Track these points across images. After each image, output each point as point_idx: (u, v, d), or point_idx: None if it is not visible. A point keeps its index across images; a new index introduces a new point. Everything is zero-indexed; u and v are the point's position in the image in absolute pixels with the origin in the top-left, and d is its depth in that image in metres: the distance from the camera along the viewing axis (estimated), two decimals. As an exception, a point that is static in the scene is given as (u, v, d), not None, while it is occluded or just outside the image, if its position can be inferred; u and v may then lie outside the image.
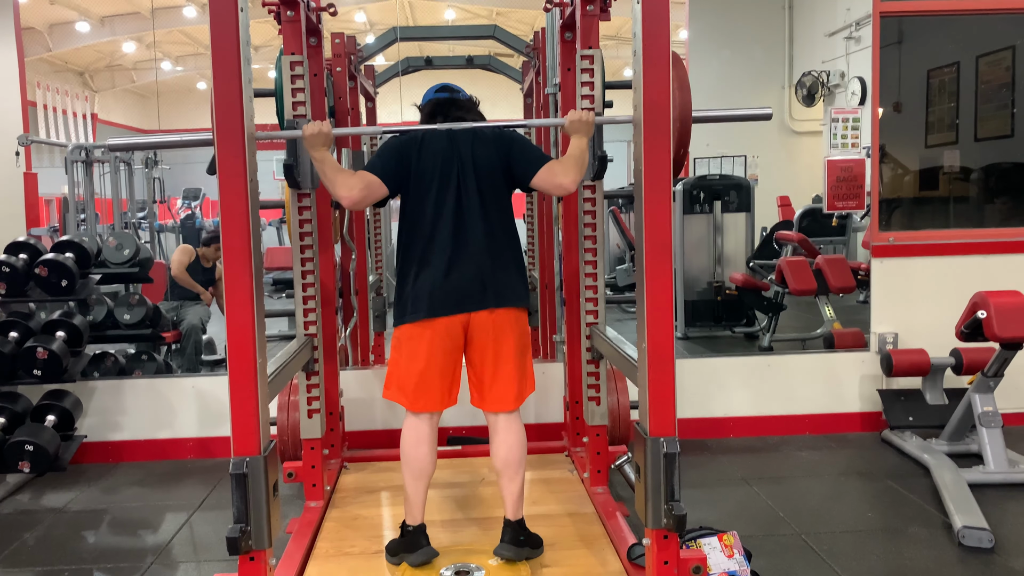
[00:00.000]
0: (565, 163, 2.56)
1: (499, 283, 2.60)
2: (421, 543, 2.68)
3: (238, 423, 2.21)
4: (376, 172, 2.57)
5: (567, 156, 2.59)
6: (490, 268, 2.59)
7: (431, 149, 2.60)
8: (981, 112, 5.23)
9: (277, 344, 5.42)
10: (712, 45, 8.44)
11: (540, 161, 2.60)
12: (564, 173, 2.54)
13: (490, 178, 2.61)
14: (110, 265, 4.49)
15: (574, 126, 2.61)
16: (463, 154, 2.60)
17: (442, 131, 2.61)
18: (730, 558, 2.58)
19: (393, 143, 2.64)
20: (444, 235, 2.56)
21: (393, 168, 2.59)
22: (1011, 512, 3.38)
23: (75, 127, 8.64)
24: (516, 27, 8.21)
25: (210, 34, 2.11)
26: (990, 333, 3.57)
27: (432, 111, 2.67)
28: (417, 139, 2.62)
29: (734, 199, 6.79)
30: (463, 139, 2.62)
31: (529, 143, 2.71)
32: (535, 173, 2.58)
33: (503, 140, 2.64)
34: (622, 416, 3.59)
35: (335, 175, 2.52)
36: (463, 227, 2.56)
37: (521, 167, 2.61)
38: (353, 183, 2.52)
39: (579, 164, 2.55)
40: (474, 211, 2.57)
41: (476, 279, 2.57)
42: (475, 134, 2.63)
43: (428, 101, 2.72)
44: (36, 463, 3.80)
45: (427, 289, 2.57)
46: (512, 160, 2.61)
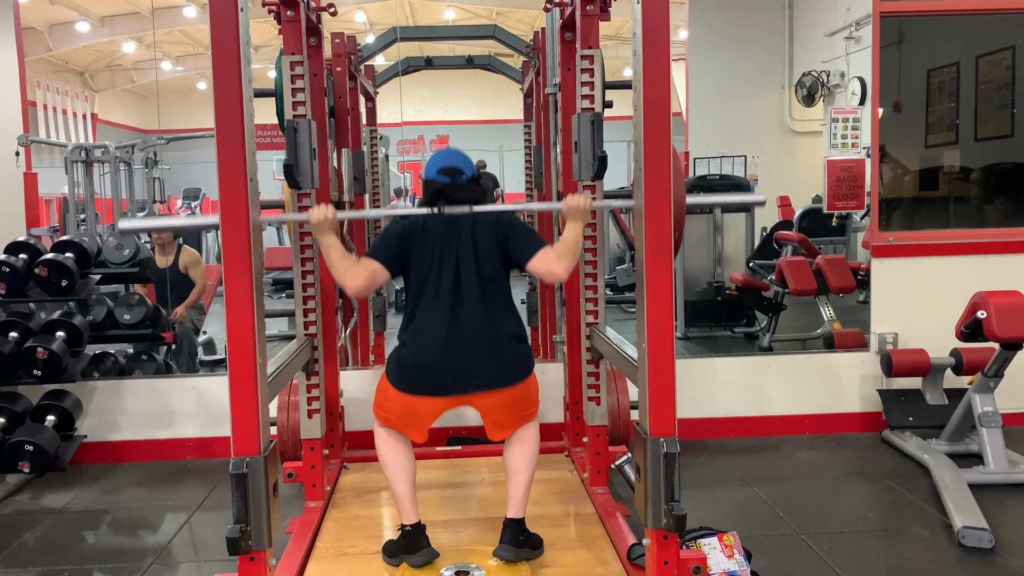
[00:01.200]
0: (559, 251, 2.59)
1: (498, 366, 2.63)
2: (422, 544, 2.68)
3: (238, 423, 2.21)
4: (379, 259, 2.62)
5: (561, 243, 2.62)
6: (493, 350, 2.61)
7: (431, 235, 2.65)
8: (981, 112, 5.23)
9: (277, 344, 5.42)
10: (712, 45, 8.44)
11: (535, 247, 2.64)
12: (558, 261, 2.58)
13: (489, 262, 2.65)
14: (110, 265, 4.49)
15: (571, 212, 2.64)
16: (462, 239, 2.65)
17: (442, 218, 2.66)
18: (730, 558, 2.58)
19: (395, 229, 2.69)
20: (443, 318, 2.60)
21: (395, 255, 2.65)
22: (1011, 512, 3.38)
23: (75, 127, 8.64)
24: (516, 27, 8.21)
25: (210, 34, 2.11)
26: (990, 333, 3.57)
27: (432, 198, 2.70)
28: (418, 226, 2.67)
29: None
30: (462, 224, 2.67)
31: (525, 228, 2.73)
32: (530, 259, 2.63)
33: (501, 226, 2.69)
34: (622, 416, 3.59)
35: (341, 263, 2.57)
36: (464, 310, 2.60)
37: (517, 253, 2.65)
38: (358, 272, 2.57)
39: (573, 252, 2.59)
40: (473, 295, 2.61)
41: (478, 362, 2.60)
42: (474, 219, 2.68)
43: (429, 183, 2.74)
44: (36, 463, 3.80)
45: (427, 368, 2.61)
46: (509, 245, 2.66)
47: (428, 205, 2.66)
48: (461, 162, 2.74)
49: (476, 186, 2.75)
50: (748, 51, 8.40)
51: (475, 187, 2.74)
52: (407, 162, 9.73)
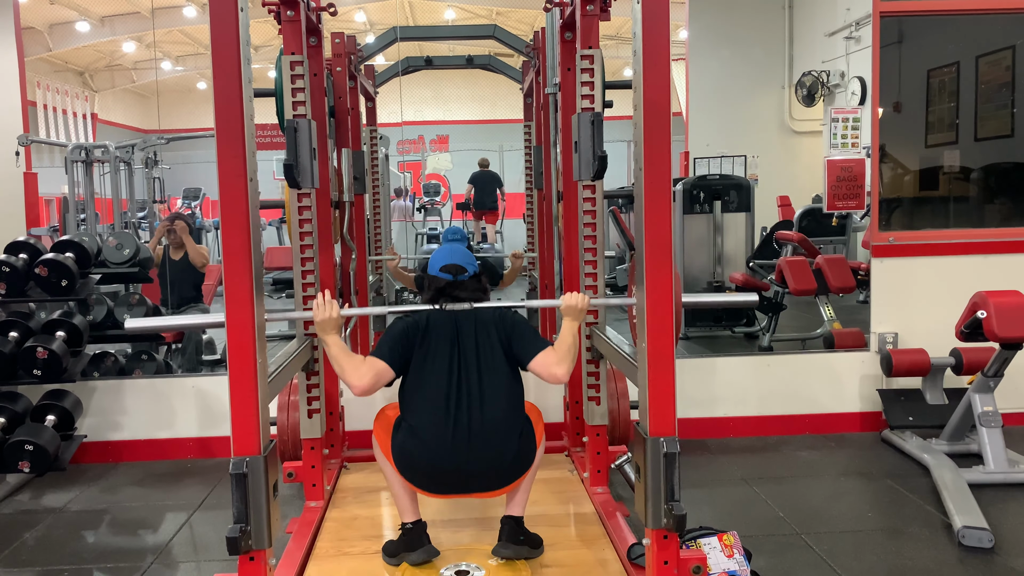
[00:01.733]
0: (559, 353, 2.62)
1: (499, 470, 2.63)
2: (422, 541, 2.69)
3: (238, 423, 2.21)
4: (384, 359, 2.63)
5: (559, 344, 2.64)
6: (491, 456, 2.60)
7: (434, 333, 2.68)
8: (981, 112, 5.23)
9: (277, 344, 5.42)
10: (712, 45, 8.44)
11: (538, 347, 2.66)
12: (558, 364, 2.61)
13: (491, 358, 2.67)
14: (110, 265, 4.49)
15: (569, 311, 2.68)
16: (464, 337, 2.67)
17: (445, 315, 2.69)
18: (730, 558, 2.58)
19: (399, 328, 2.71)
20: (444, 420, 2.59)
21: (400, 355, 2.66)
22: (1011, 512, 3.38)
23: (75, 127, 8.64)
24: (516, 27, 8.21)
25: (210, 34, 2.11)
26: (990, 333, 3.57)
27: (435, 296, 2.73)
28: (421, 322, 2.70)
29: (734, 199, 6.78)
30: (464, 321, 2.69)
31: (527, 328, 2.75)
32: (532, 359, 2.65)
33: (503, 324, 2.71)
34: (622, 416, 3.59)
35: (346, 362, 2.59)
36: (462, 413, 2.59)
37: (519, 353, 2.68)
38: (364, 372, 2.58)
39: (572, 354, 2.63)
40: (473, 394, 2.62)
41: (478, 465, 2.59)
42: (476, 316, 2.70)
43: (432, 280, 2.76)
44: (36, 463, 3.80)
45: (425, 472, 2.62)
46: (512, 343, 2.69)
47: (431, 303, 2.71)
48: (463, 259, 2.79)
49: (478, 283, 2.79)
50: (748, 51, 8.39)
51: (477, 284, 2.78)
52: (407, 162, 9.72)
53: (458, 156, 9.80)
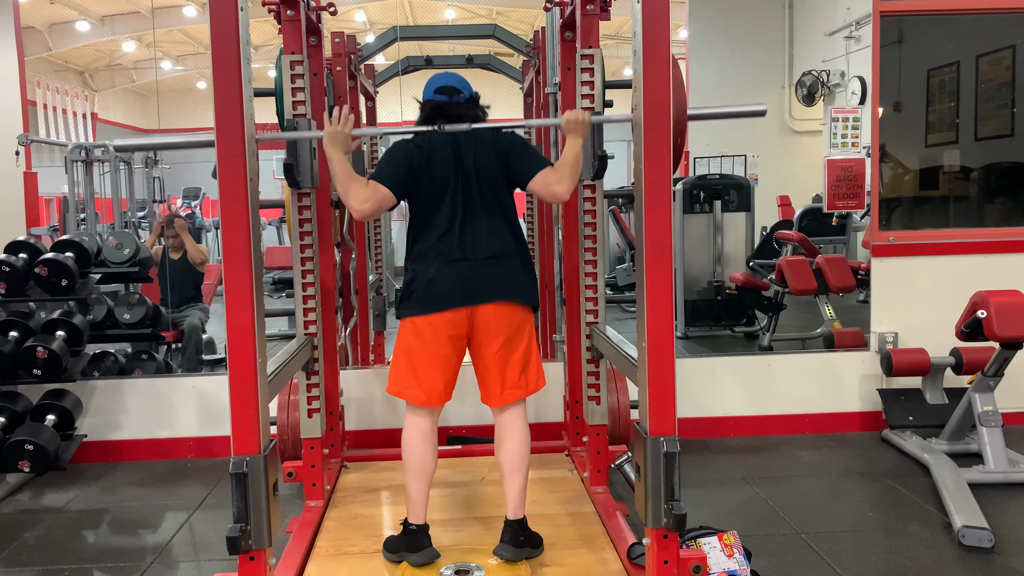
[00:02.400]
0: (560, 170, 2.58)
1: (504, 280, 2.63)
2: (424, 543, 2.69)
3: (238, 422, 2.21)
4: (387, 183, 2.59)
5: (561, 161, 2.61)
6: (494, 266, 2.62)
7: (436, 157, 2.63)
8: (981, 112, 5.23)
9: (277, 344, 5.42)
10: (712, 45, 8.43)
11: (537, 166, 2.62)
12: (558, 182, 2.57)
13: (491, 180, 2.64)
14: (110, 264, 4.48)
15: (570, 126, 2.64)
16: (464, 159, 2.63)
17: (445, 137, 2.64)
18: (730, 558, 2.58)
19: (399, 151, 2.67)
20: (449, 236, 2.60)
21: (402, 178, 2.62)
22: (1011, 512, 3.38)
23: (75, 126, 8.63)
24: (516, 27, 8.20)
25: (210, 34, 2.12)
26: (990, 333, 3.57)
27: (430, 115, 2.69)
28: (422, 147, 2.65)
29: (734, 198, 6.79)
30: (464, 144, 2.65)
31: (527, 145, 2.73)
32: (531, 178, 2.61)
33: (502, 143, 2.67)
34: (622, 416, 3.60)
35: (349, 182, 2.55)
36: (469, 229, 2.60)
37: (518, 171, 2.64)
38: (366, 195, 2.55)
39: (573, 170, 2.58)
40: (479, 214, 2.61)
41: (480, 275, 2.60)
42: (475, 138, 2.66)
43: (426, 103, 2.73)
44: (36, 462, 3.80)
45: (432, 284, 2.60)
46: (510, 163, 2.65)
47: (427, 124, 2.65)
48: (458, 82, 2.73)
49: (475, 105, 2.73)
50: (748, 51, 8.39)
51: (473, 105, 2.73)
52: (407, 161, 9.70)
53: (458, 156, 9.78)
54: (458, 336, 2.65)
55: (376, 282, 5.39)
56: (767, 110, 2.75)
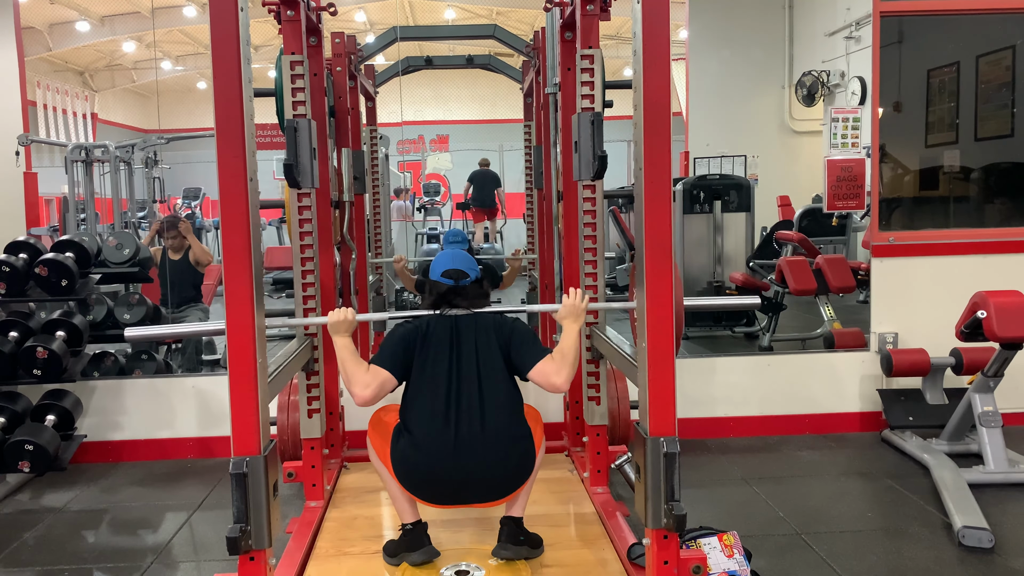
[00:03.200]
0: (558, 362, 2.58)
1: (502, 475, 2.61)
2: (423, 542, 2.69)
3: (238, 423, 2.21)
4: (387, 367, 2.62)
5: (560, 351, 2.61)
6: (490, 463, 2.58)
7: (435, 337, 2.66)
8: (981, 112, 5.23)
9: (277, 344, 5.42)
10: (712, 45, 8.44)
11: (537, 356, 2.62)
12: (557, 373, 2.57)
13: (490, 365, 2.65)
14: (110, 265, 4.48)
15: (566, 311, 2.67)
16: (464, 342, 2.66)
17: (446, 320, 2.68)
18: (730, 558, 2.58)
19: (399, 334, 2.70)
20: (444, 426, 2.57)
21: (401, 361, 2.65)
22: (1011, 512, 3.38)
23: (75, 127, 8.64)
24: (516, 27, 8.21)
25: (210, 34, 2.11)
26: (990, 333, 3.57)
27: (436, 301, 2.72)
28: (421, 328, 2.69)
29: (734, 199, 6.79)
30: (465, 326, 2.68)
31: (527, 334, 2.72)
32: (530, 368, 2.62)
33: (503, 331, 2.69)
34: (622, 416, 3.59)
35: (354, 369, 2.59)
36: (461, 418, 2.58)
37: (519, 360, 2.65)
38: (368, 381, 2.58)
39: (572, 360, 2.58)
40: (473, 400, 2.60)
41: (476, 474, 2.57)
42: (476, 321, 2.69)
43: (433, 285, 2.75)
44: (36, 463, 3.80)
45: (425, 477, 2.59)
46: (511, 351, 2.67)
47: (432, 308, 2.70)
48: (465, 264, 2.78)
49: (479, 288, 2.78)
50: (748, 51, 8.39)
51: (478, 289, 2.77)
52: (407, 162, 9.72)
53: (458, 156, 9.80)
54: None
55: (376, 282, 5.39)
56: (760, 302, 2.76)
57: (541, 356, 2.62)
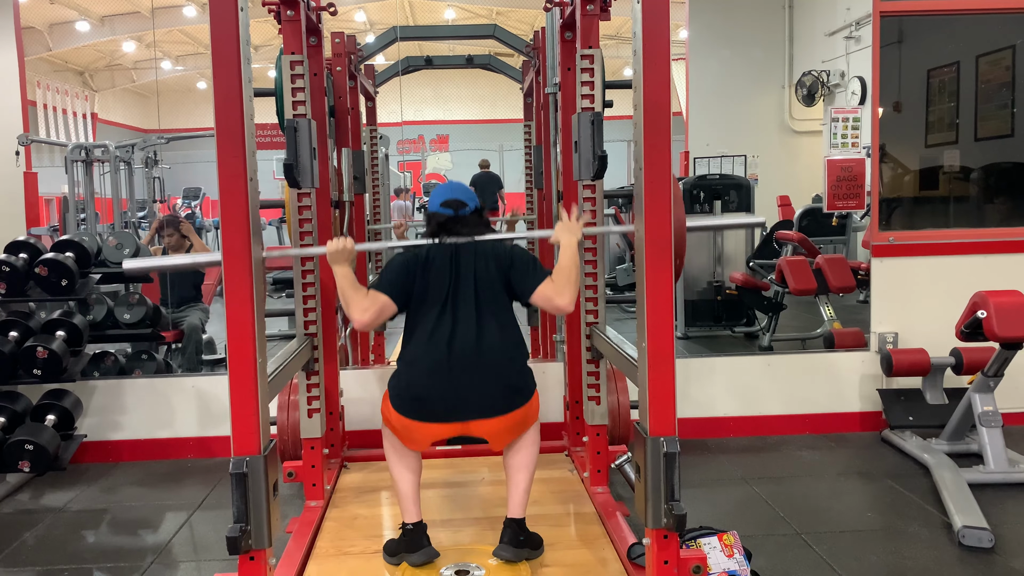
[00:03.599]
0: (559, 282, 2.59)
1: (500, 393, 2.62)
2: (423, 543, 2.69)
3: (238, 423, 2.21)
4: (386, 292, 2.64)
5: (559, 270, 2.61)
6: (490, 380, 2.60)
7: (434, 266, 2.67)
8: (981, 112, 5.23)
9: (277, 344, 5.42)
10: (712, 45, 8.45)
11: (538, 279, 2.63)
12: (559, 294, 2.58)
13: (490, 292, 2.66)
14: (110, 264, 4.48)
15: (559, 233, 2.67)
16: (464, 269, 2.66)
17: (445, 249, 2.68)
18: (730, 558, 2.58)
19: (399, 261, 2.71)
20: (442, 348, 2.59)
21: (400, 288, 2.66)
22: (1011, 512, 3.38)
23: (75, 126, 8.64)
24: (516, 27, 8.21)
25: (210, 34, 2.12)
26: (990, 333, 3.57)
27: (436, 230, 2.72)
28: (422, 257, 2.69)
29: (734, 199, 6.79)
30: (464, 254, 2.68)
31: (528, 258, 2.73)
32: (532, 291, 2.63)
33: (503, 256, 2.69)
34: (622, 416, 3.60)
35: (353, 294, 2.60)
36: (462, 339, 2.59)
37: (519, 285, 2.66)
38: (367, 305, 2.60)
39: (573, 280, 2.58)
40: (473, 324, 2.61)
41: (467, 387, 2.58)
42: (476, 249, 2.69)
43: (432, 216, 2.75)
44: (36, 462, 3.80)
45: (423, 396, 2.61)
46: (511, 276, 2.67)
47: (431, 237, 2.70)
48: (464, 195, 2.77)
49: (479, 218, 2.77)
50: (748, 51, 8.40)
51: (478, 219, 2.76)
52: (407, 161, 9.72)
53: (458, 156, 9.80)
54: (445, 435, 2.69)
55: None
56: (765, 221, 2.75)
57: (542, 279, 2.62)
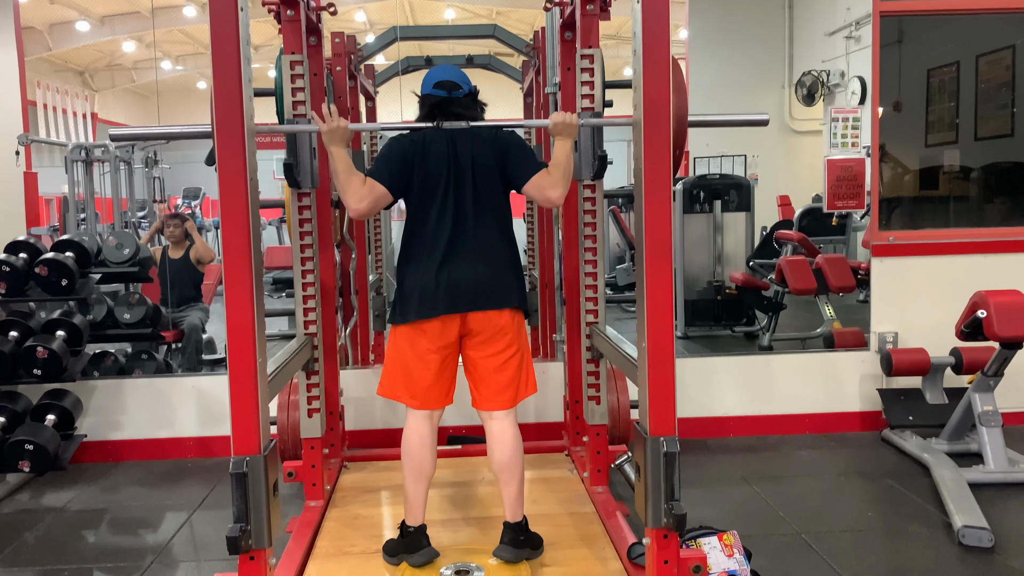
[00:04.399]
0: (553, 175, 2.59)
1: (495, 285, 2.62)
2: (422, 544, 2.68)
3: (238, 422, 2.21)
4: (383, 181, 2.60)
5: (553, 165, 2.60)
6: (485, 270, 2.61)
7: (432, 153, 2.63)
8: (981, 111, 5.23)
9: (277, 343, 5.42)
10: (712, 45, 8.43)
11: (533, 169, 2.62)
12: (552, 186, 2.58)
13: (487, 179, 2.64)
14: (110, 264, 4.49)
15: (557, 128, 2.64)
16: (461, 156, 2.63)
17: (442, 133, 2.64)
18: (730, 557, 2.58)
19: (396, 148, 2.66)
20: (441, 237, 2.59)
21: (398, 176, 2.62)
22: (1011, 511, 3.38)
23: (75, 126, 8.63)
24: (516, 26, 8.19)
25: (210, 34, 2.11)
26: (990, 332, 3.57)
27: (430, 112, 2.68)
28: (418, 143, 2.65)
29: (734, 198, 6.79)
30: (461, 140, 2.64)
31: (525, 146, 2.72)
32: (527, 180, 2.62)
33: (499, 142, 2.66)
34: (622, 415, 3.59)
35: (349, 178, 2.55)
36: (460, 229, 2.60)
37: (514, 171, 2.64)
38: (364, 193, 2.56)
39: (565, 174, 2.58)
40: (470, 213, 2.60)
41: (471, 281, 2.59)
42: (472, 135, 2.65)
43: (425, 98, 2.72)
44: (36, 462, 3.80)
45: (422, 290, 2.59)
46: (507, 164, 2.64)
47: (426, 120, 2.65)
48: (458, 77, 2.72)
49: (474, 101, 2.73)
50: (748, 51, 8.39)
51: (473, 101, 2.72)
52: (407, 161, 9.70)
53: (458, 156, 9.78)
54: (450, 343, 2.64)
55: (376, 282, 5.39)
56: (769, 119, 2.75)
57: (537, 170, 2.62)
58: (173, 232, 5.74)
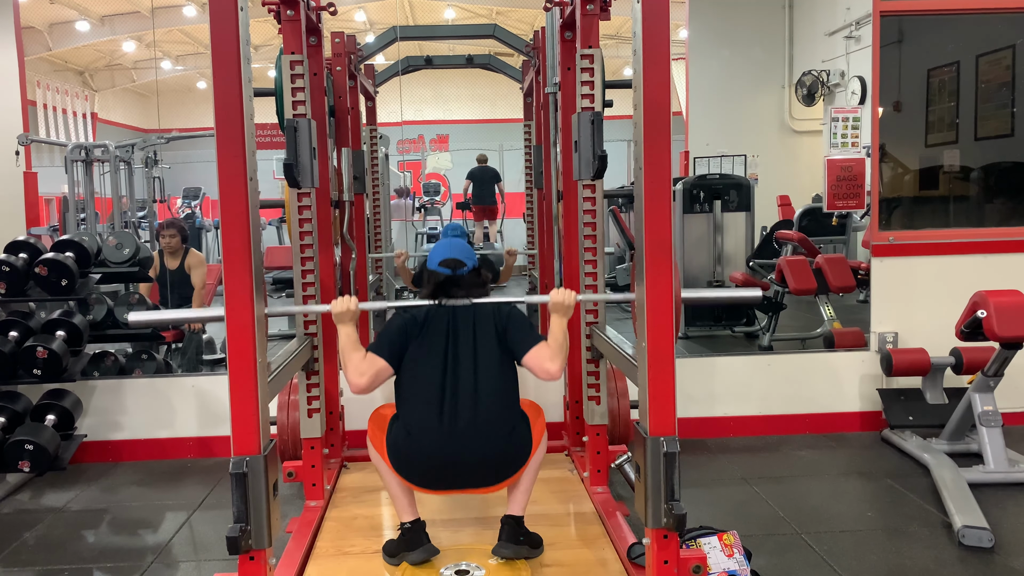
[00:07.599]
0: (552, 349, 2.63)
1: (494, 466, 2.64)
2: (422, 540, 2.69)
3: (238, 422, 2.21)
4: (384, 356, 2.65)
5: (551, 340, 2.65)
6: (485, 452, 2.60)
7: (432, 327, 2.68)
8: (981, 111, 5.23)
9: (277, 344, 5.42)
10: (712, 45, 8.43)
11: (532, 343, 2.66)
12: (551, 359, 2.62)
13: (488, 353, 2.67)
14: (110, 264, 4.48)
15: (556, 306, 2.69)
16: (462, 331, 2.68)
17: (443, 310, 2.70)
18: (730, 557, 2.58)
19: (397, 323, 2.71)
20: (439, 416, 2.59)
21: (398, 350, 2.67)
22: (1011, 511, 3.38)
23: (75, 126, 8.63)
24: (516, 26, 8.20)
25: (210, 34, 2.11)
26: (990, 332, 3.57)
27: (434, 291, 2.73)
28: (419, 318, 2.70)
29: (734, 198, 6.79)
30: (462, 317, 2.70)
31: (524, 321, 2.75)
32: (526, 353, 2.66)
33: (500, 316, 2.72)
34: (622, 416, 3.59)
35: (352, 354, 2.62)
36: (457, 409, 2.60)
37: (514, 345, 2.68)
38: (364, 369, 2.61)
39: (563, 347, 2.64)
40: (469, 390, 2.62)
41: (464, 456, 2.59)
42: (474, 312, 2.71)
43: (432, 275, 2.76)
44: (36, 462, 3.80)
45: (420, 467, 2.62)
46: (508, 337, 2.69)
47: (430, 298, 2.71)
48: (462, 254, 2.79)
49: (477, 277, 2.79)
50: (748, 51, 8.39)
51: (476, 278, 2.79)
52: (407, 161, 9.72)
53: (458, 156, 9.79)
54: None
55: (376, 282, 5.39)
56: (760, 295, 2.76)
57: (536, 342, 2.66)
58: (169, 242, 5.67)
